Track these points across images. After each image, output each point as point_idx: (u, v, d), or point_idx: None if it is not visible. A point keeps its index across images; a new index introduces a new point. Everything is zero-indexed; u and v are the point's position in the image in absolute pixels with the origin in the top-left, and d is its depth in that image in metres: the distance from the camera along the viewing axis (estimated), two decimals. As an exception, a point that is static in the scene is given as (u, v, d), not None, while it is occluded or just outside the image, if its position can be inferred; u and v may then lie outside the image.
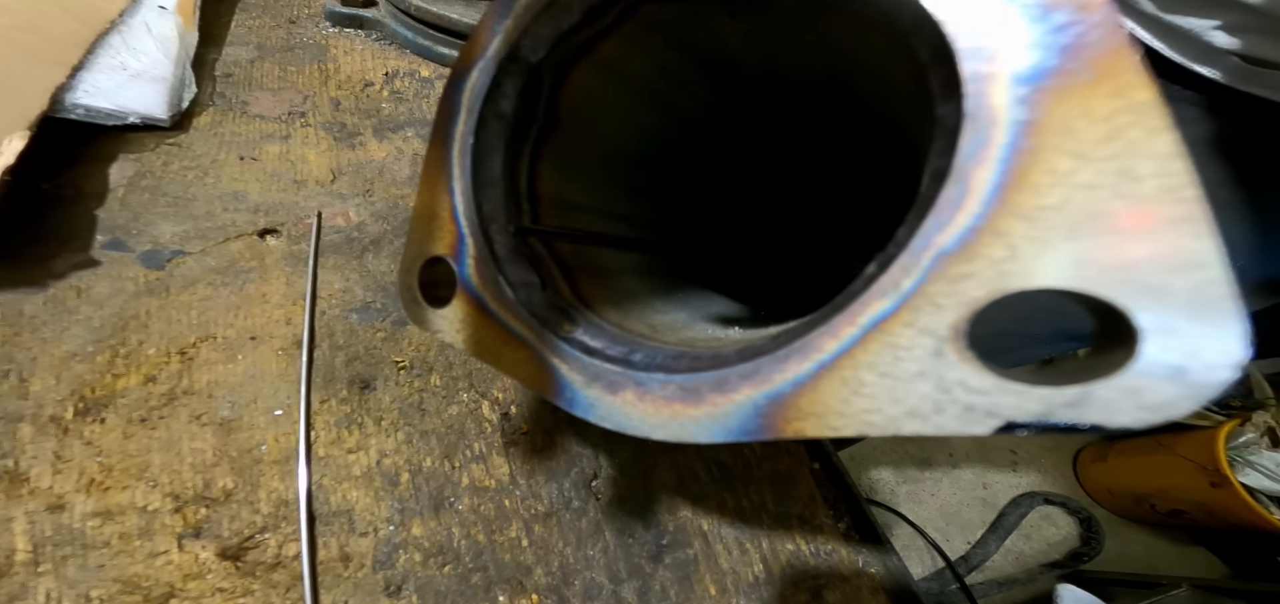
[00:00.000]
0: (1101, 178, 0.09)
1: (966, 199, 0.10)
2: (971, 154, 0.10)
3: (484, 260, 0.20)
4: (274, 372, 0.30)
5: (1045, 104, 0.10)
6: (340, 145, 0.43)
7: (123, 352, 0.28)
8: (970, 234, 0.10)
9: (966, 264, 0.10)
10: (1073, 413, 0.09)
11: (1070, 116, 0.10)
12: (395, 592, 0.25)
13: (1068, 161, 0.10)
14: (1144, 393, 0.09)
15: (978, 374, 0.10)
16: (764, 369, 0.14)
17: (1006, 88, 0.10)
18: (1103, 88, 0.09)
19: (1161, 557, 1.24)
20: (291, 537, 0.25)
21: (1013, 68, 0.10)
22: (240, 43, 0.49)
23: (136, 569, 0.23)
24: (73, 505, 0.24)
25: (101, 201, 0.34)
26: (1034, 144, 0.10)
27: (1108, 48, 0.10)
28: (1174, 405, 0.09)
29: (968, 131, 0.10)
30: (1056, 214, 0.10)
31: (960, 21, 0.11)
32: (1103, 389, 0.09)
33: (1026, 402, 0.10)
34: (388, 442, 0.29)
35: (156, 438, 0.26)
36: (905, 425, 0.11)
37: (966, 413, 0.10)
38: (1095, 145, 0.10)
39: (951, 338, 0.11)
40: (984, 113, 0.10)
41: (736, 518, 0.31)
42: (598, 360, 0.17)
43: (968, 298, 0.10)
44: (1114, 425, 0.09)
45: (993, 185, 0.10)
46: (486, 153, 0.21)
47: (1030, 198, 0.10)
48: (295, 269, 0.34)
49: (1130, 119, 0.09)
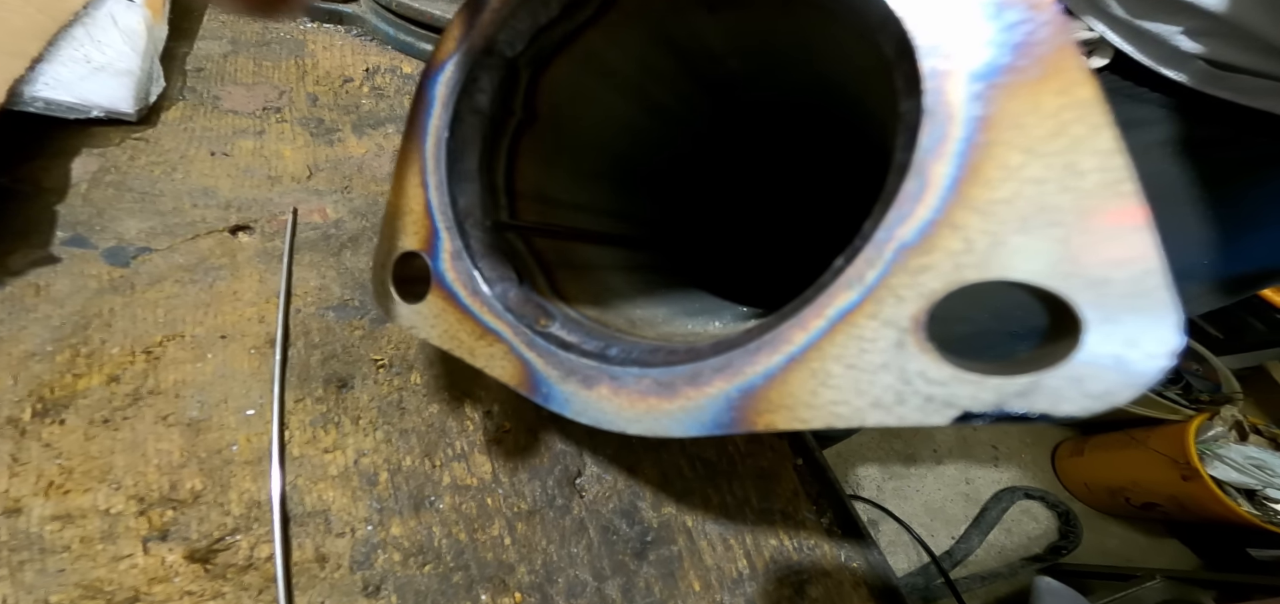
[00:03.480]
0: (1048, 172, 0.10)
1: (926, 192, 0.11)
2: (930, 149, 0.11)
3: (459, 255, 0.20)
4: (246, 371, 0.29)
5: (998, 100, 0.10)
6: (317, 141, 0.43)
7: (84, 351, 0.27)
8: (929, 227, 0.11)
9: (925, 256, 0.11)
10: (1023, 402, 0.10)
11: (1021, 112, 0.10)
12: (374, 592, 0.24)
13: (1018, 156, 0.10)
14: (1088, 381, 0.09)
15: (936, 365, 0.11)
16: (736, 362, 0.14)
17: (963, 84, 0.11)
18: (1051, 84, 0.10)
19: (1136, 549, 1.28)
20: (264, 538, 0.24)
21: (969, 65, 0.11)
22: (213, 37, 0.48)
23: (99, 574, 0.22)
24: (30, 509, 0.23)
25: (62, 197, 0.33)
26: (988, 139, 0.10)
27: (1056, 46, 0.10)
28: (1116, 393, 0.09)
29: (927, 127, 0.11)
30: (1007, 207, 0.10)
31: (921, 18, 0.11)
32: (1050, 378, 0.09)
33: (981, 392, 0.10)
34: (366, 441, 0.28)
35: (120, 439, 0.25)
36: (870, 416, 0.11)
37: (927, 403, 0.11)
38: (1043, 140, 0.10)
39: (912, 329, 0.11)
40: (942, 108, 0.11)
41: (720, 514, 0.31)
42: (573, 355, 0.17)
43: (927, 290, 0.11)
44: (1061, 413, 0.09)
45: (950, 179, 0.10)
46: (462, 147, 0.21)
47: (984, 192, 0.10)
48: (269, 266, 0.33)
49: (1075, 115, 0.10)
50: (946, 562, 1.13)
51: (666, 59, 0.24)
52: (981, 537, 1.20)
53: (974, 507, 1.28)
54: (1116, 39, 0.40)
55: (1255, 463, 1.05)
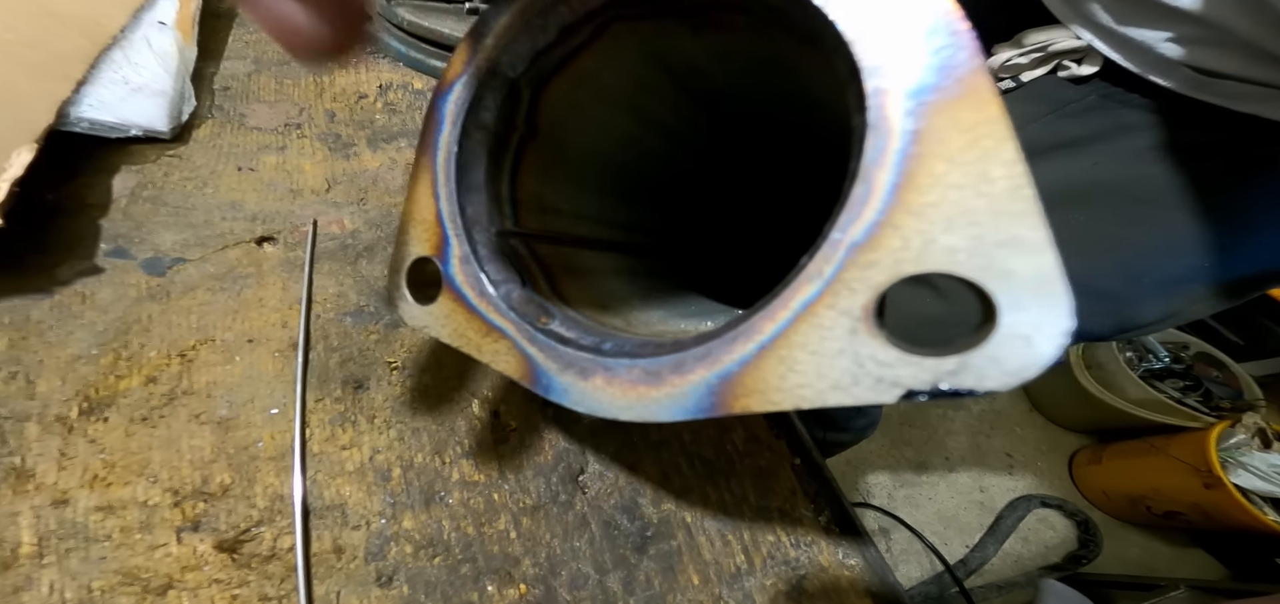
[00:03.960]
0: (966, 179, 0.11)
1: (871, 197, 0.12)
2: (874, 158, 0.12)
3: (467, 260, 0.22)
4: (270, 372, 0.31)
5: (928, 116, 0.12)
6: (335, 156, 0.45)
7: (125, 354, 0.30)
8: (875, 227, 0.12)
9: (872, 253, 0.12)
10: (953, 379, 0.11)
11: (944, 127, 0.11)
12: (386, 582, 0.26)
13: (943, 165, 0.11)
14: (1004, 360, 0.11)
15: (884, 349, 0.12)
16: (715, 351, 0.15)
17: (900, 100, 0.12)
18: (967, 102, 0.11)
19: (1160, 558, 1.24)
20: (286, 530, 0.26)
21: (905, 84, 0.12)
22: (238, 57, 0.51)
23: (137, 561, 0.24)
24: (76, 500, 0.25)
25: (104, 212, 0.35)
26: (919, 150, 0.12)
27: (971, 68, 0.11)
28: (1025, 370, 0.10)
29: (871, 139, 0.12)
30: (936, 210, 0.11)
31: (866, 42, 0.12)
32: (974, 358, 0.11)
33: (921, 372, 0.11)
34: (380, 439, 0.30)
35: (157, 436, 0.27)
36: (830, 397, 0.13)
37: (877, 383, 0.12)
38: (961, 151, 0.11)
39: (863, 318, 0.12)
40: (883, 122, 0.12)
41: (719, 511, 0.31)
42: (571, 349, 0.19)
43: (874, 282, 0.12)
44: (983, 389, 0.11)
45: (890, 186, 0.12)
46: (470, 161, 0.23)
47: (917, 196, 0.12)
48: (291, 275, 0.36)
49: (985, 129, 0.11)
50: (961, 570, 1.11)
51: (657, 76, 0.26)
52: (997, 545, 1.17)
53: (988, 515, 1.25)
54: (1104, 47, 0.41)
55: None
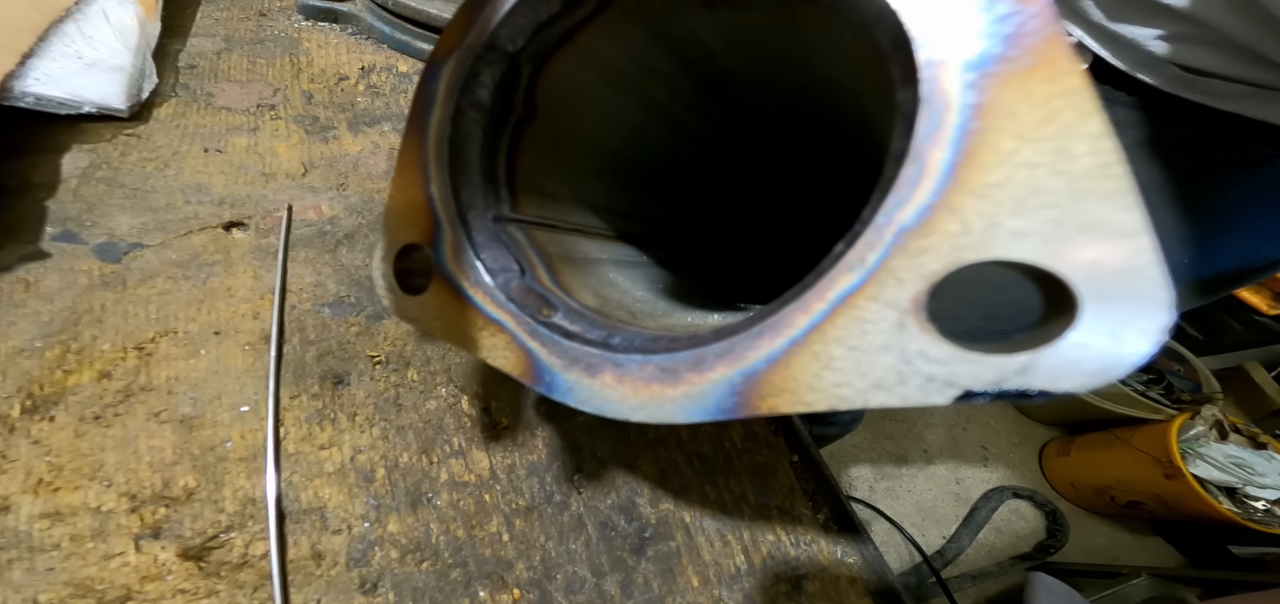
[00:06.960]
0: (1040, 157, 0.10)
1: (924, 178, 0.11)
2: (927, 135, 0.11)
3: (461, 247, 0.20)
4: (240, 367, 0.28)
5: (991, 88, 0.11)
6: (312, 139, 0.42)
7: (74, 347, 0.27)
8: (928, 210, 0.11)
9: (924, 238, 0.11)
10: (1022, 379, 0.10)
11: (1013, 100, 0.10)
12: (370, 589, 0.24)
13: (1011, 142, 0.10)
14: (1083, 359, 0.10)
15: (937, 345, 0.11)
16: (739, 347, 0.14)
17: (957, 74, 0.11)
18: (1041, 73, 0.10)
19: (1122, 547, 1.30)
20: (259, 535, 0.24)
21: (963, 55, 0.11)
22: (206, 34, 0.48)
23: (89, 572, 0.22)
24: (18, 507, 0.22)
25: (52, 193, 0.32)
26: (982, 126, 0.11)
27: (1044, 36, 0.10)
28: (1110, 370, 0.10)
29: (923, 115, 0.11)
30: (1002, 191, 0.10)
31: (916, 12, 0.11)
32: (1047, 357, 0.10)
33: (981, 370, 0.10)
34: (362, 437, 0.28)
35: (111, 436, 0.25)
36: (873, 397, 0.12)
37: (928, 383, 0.11)
38: (1035, 127, 0.10)
39: (913, 310, 0.11)
40: (937, 97, 0.11)
41: (718, 510, 0.31)
42: (576, 344, 0.17)
43: (926, 271, 0.11)
44: (1059, 390, 0.10)
45: (947, 164, 0.11)
46: (463, 142, 0.21)
47: (979, 176, 0.11)
48: (263, 263, 0.33)
49: (1064, 102, 0.10)
50: (938, 561, 1.14)
51: (665, 58, 0.25)
52: (972, 536, 1.21)
53: (964, 506, 1.29)
54: (1093, 43, 0.42)
55: (1235, 461, 1.08)
